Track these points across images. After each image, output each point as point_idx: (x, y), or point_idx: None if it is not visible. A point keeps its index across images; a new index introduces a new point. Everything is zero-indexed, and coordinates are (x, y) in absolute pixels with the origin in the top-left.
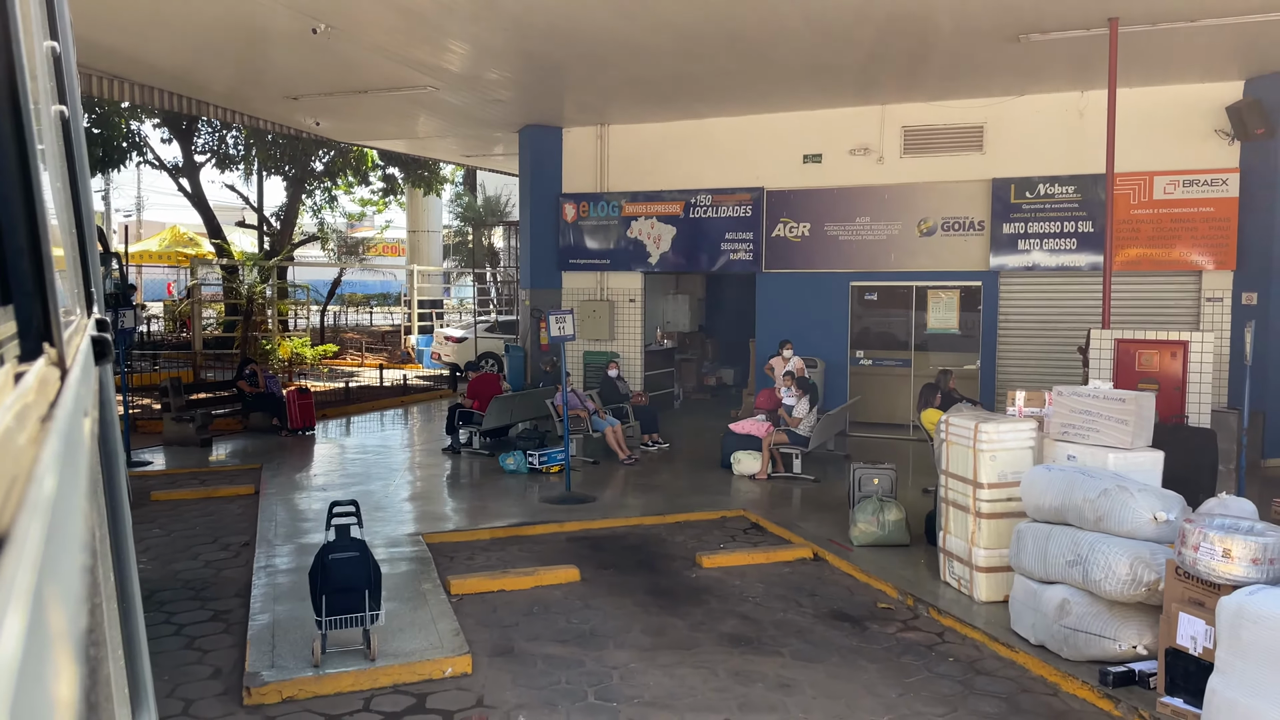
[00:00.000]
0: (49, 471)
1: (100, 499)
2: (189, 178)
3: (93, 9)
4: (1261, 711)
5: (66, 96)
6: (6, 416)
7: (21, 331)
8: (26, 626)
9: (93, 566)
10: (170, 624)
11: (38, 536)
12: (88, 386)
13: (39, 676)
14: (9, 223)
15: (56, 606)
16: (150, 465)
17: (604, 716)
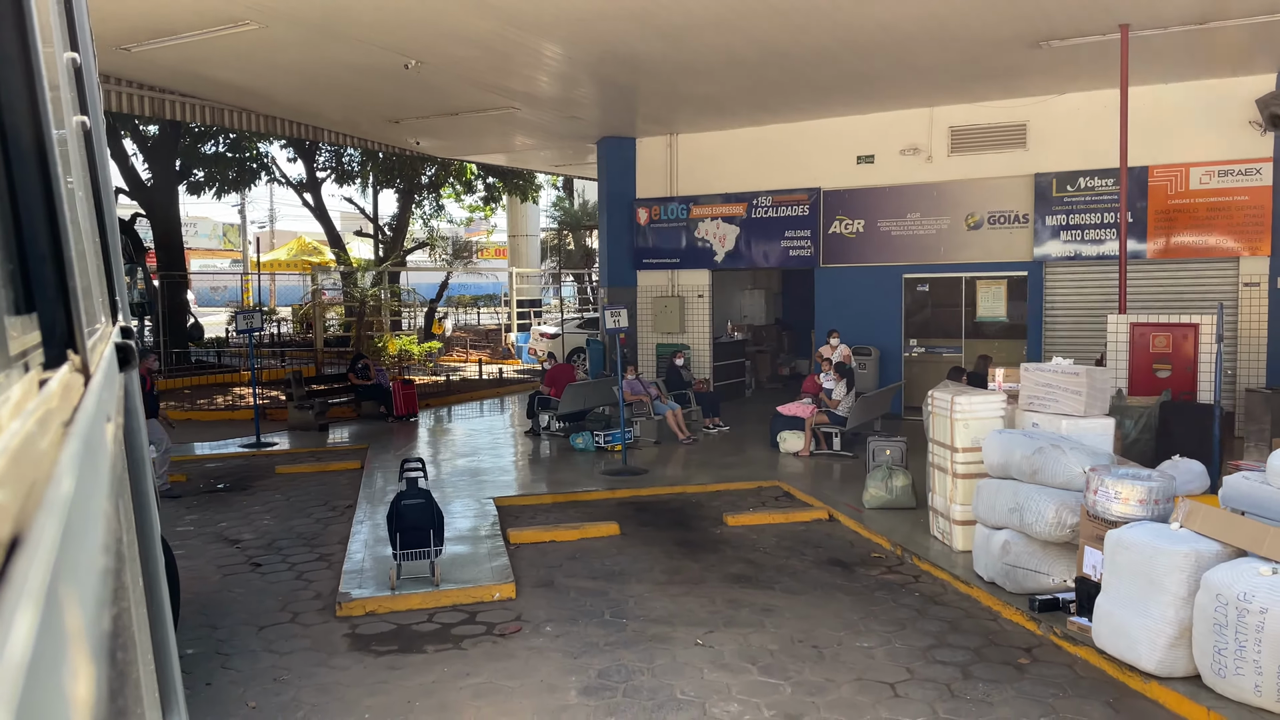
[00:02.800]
0: (67, 474)
1: (126, 504)
2: (312, 192)
3: (222, 55)
4: (1125, 618)
5: (88, 107)
6: (29, 422)
7: (46, 339)
8: (38, 625)
9: (118, 570)
10: (285, 563)
11: (53, 537)
12: (111, 393)
13: (53, 675)
14: (32, 232)
15: (73, 607)
16: (276, 445)
17: (613, 628)
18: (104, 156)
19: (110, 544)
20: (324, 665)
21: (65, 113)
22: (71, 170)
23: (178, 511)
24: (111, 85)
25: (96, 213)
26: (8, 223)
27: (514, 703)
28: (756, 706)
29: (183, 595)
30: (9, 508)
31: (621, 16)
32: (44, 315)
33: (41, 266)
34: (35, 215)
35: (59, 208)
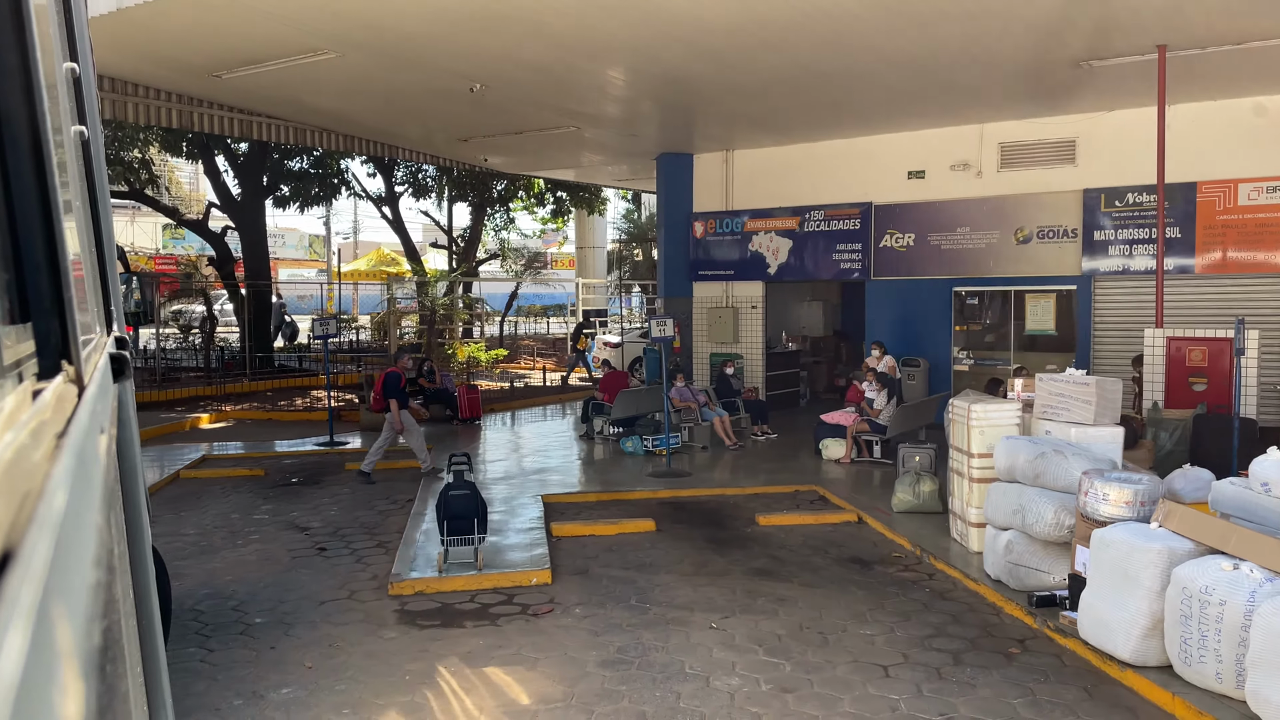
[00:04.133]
0: (60, 487)
1: (119, 516)
2: (390, 205)
3: (304, 81)
4: (1105, 610)
5: (86, 117)
6: (22, 433)
7: (40, 349)
8: (30, 643)
9: (108, 583)
10: (347, 549)
11: (45, 552)
12: (105, 404)
13: (44, 693)
14: (28, 241)
15: (64, 622)
16: (347, 445)
17: (637, 611)
18: (101, 166)
19: (102, 557)
20: (374, 635)
21: (63, 122)
22: (69, 180)
23: (254, 501)
24: (205, 108)
25: (93, 223)
26: (3, 233)
27: (537, 670)
28: (755, 681)
29: (255, 575)
30: (1, 522)
31: (674, 43)
32: (38, 325)
33: (37, 276)
34: (31, 225)
35: (55, 218)
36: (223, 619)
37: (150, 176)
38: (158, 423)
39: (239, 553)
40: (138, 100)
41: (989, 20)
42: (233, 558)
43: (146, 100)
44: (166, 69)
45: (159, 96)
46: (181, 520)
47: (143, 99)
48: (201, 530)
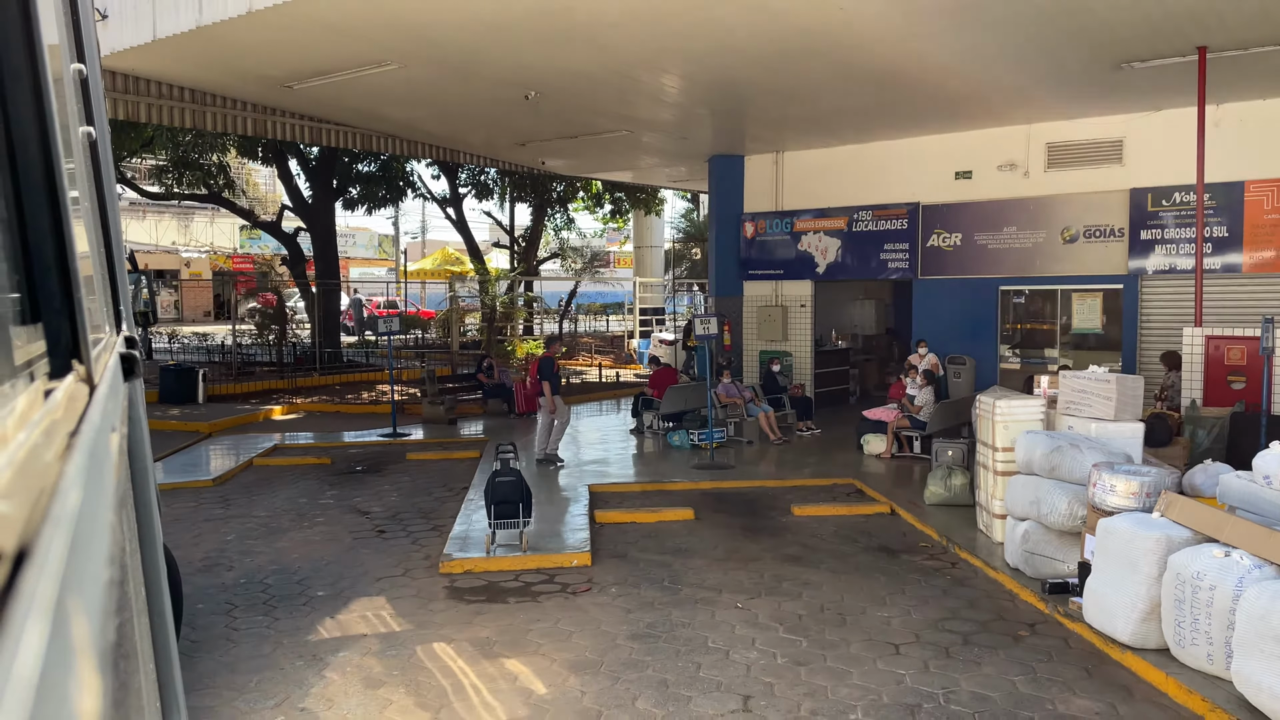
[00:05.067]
0: (73, 486)
1: (130, 514)
2: (454, 207)
3: (369, 90)
4: (1108, 595)
5: (94, 118)
6: (34, 433)
7: (51, 349)
8: (48, 639)
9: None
10: (404, 531)
11: (61, 550)
12: (116, 403)
13: (62, 689)
14: (37, 242)
15: (80, 619)
16: (409, 436)
17: (669, 592)
18: (109, 167)
19: (115, 554)
20: (424, 609)
21: (71, 124)
22: (77, 181)
23: (321, 487)
24: (278, 117)
25: (101, 223)
26: (13, 233)
27: (571, 641)
28: (772, 655)
29: (319, 553)
30: (15, 519)
31: (723, 51)
32: (49, 326)
33: (47, 277)
34: (40, 226)
35: (64, 219)
36: (288, 592)
37: (227, 180)
38: (234, 414)
39: (305, 533)
40: (216, 110)
41: (1026, 25)
42: (299, 538)
43: (224, 110)
44: (242, 80)
45: (235, 106)
46: (253, 504)
47: (220, 109)
48: (271, 513)
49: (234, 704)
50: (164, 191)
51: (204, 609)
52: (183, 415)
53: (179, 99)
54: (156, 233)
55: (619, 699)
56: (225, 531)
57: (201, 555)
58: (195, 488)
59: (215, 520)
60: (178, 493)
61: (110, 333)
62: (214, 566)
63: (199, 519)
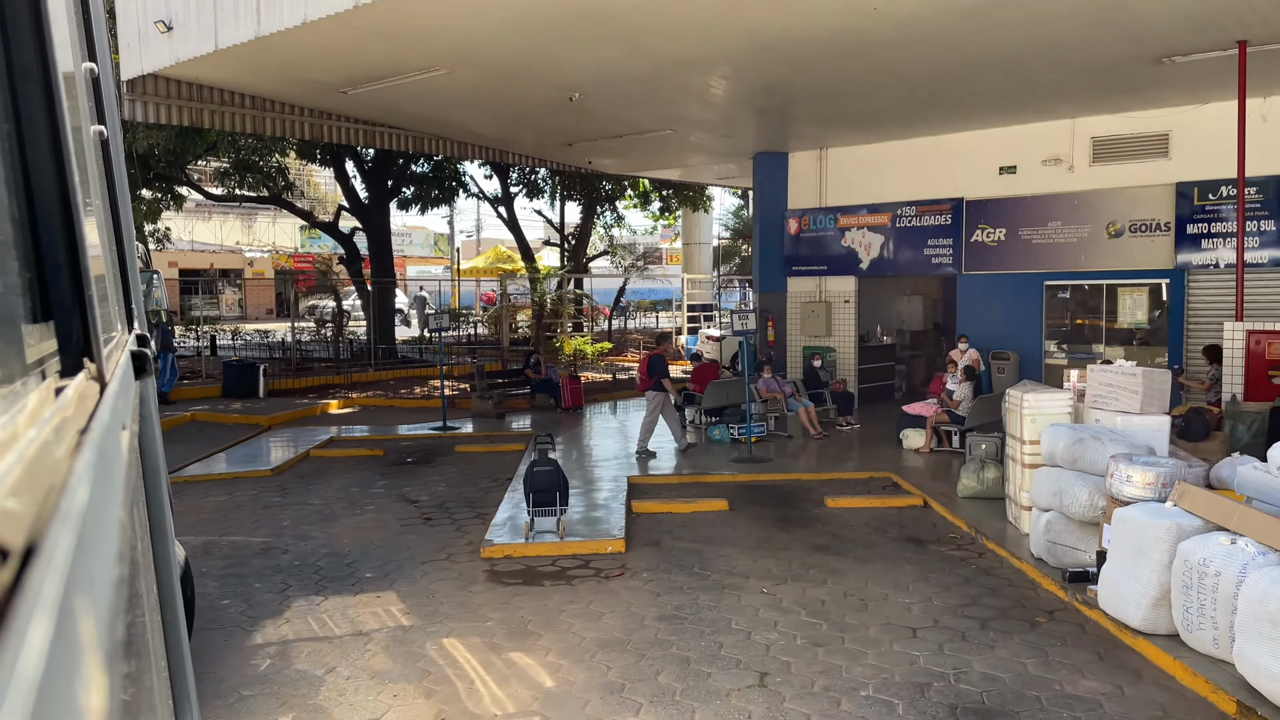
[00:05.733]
0: (82, 482)
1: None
2: (505, 205)
3: (419, 95)
4: (1120, 581)
5: (105, 117)
6: (45, 430)
7: (62, 347)
8: (53, 637)
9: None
10: (450, 519)
11: (68, 547)
12: (127, 400)
13: (67, 685)
14: (48, 241)
15: (87, 616)
16: (459, 429)
17: (698, 577)
18: (120, 165)
19: (125, 552)
20: (464, 590)
21: (83, 122)
22: (88, 180)
23: (373, 477)
24: (333, 121)
25: (113, 222)
26: (25, 232)
27: (601, 621)
28: (792, 637)
29: (368, 538)
30: (24, 516)
31: (762, 52)
32: (60, 324)
33: (58, 275)
34: (52, 224)
35: (76, 217)
36: (338, 573)
37: (286, 183)
38: (293, 408)
39: (356, 520)
40: (274, 115)
41: (1061, 22)
42: (350, 524)
43: (282, 115)
44: (299, 87)
45: (293, 111)
46: (309, 492)
47: (279, 114)
48: (325, 501)
49: (284, 672)
50: (226, 194)
51: (260, 588)
52: (244, 409)
53: (240, 105)
54: (221, 233)
55: (642, 674)
56: (282, 518)
57: (259, 539)
58: (255, 477)
59: (273, 507)
60: (239, 481)
61: (122, 331)
62: (270, 549)
63: (258, 506)
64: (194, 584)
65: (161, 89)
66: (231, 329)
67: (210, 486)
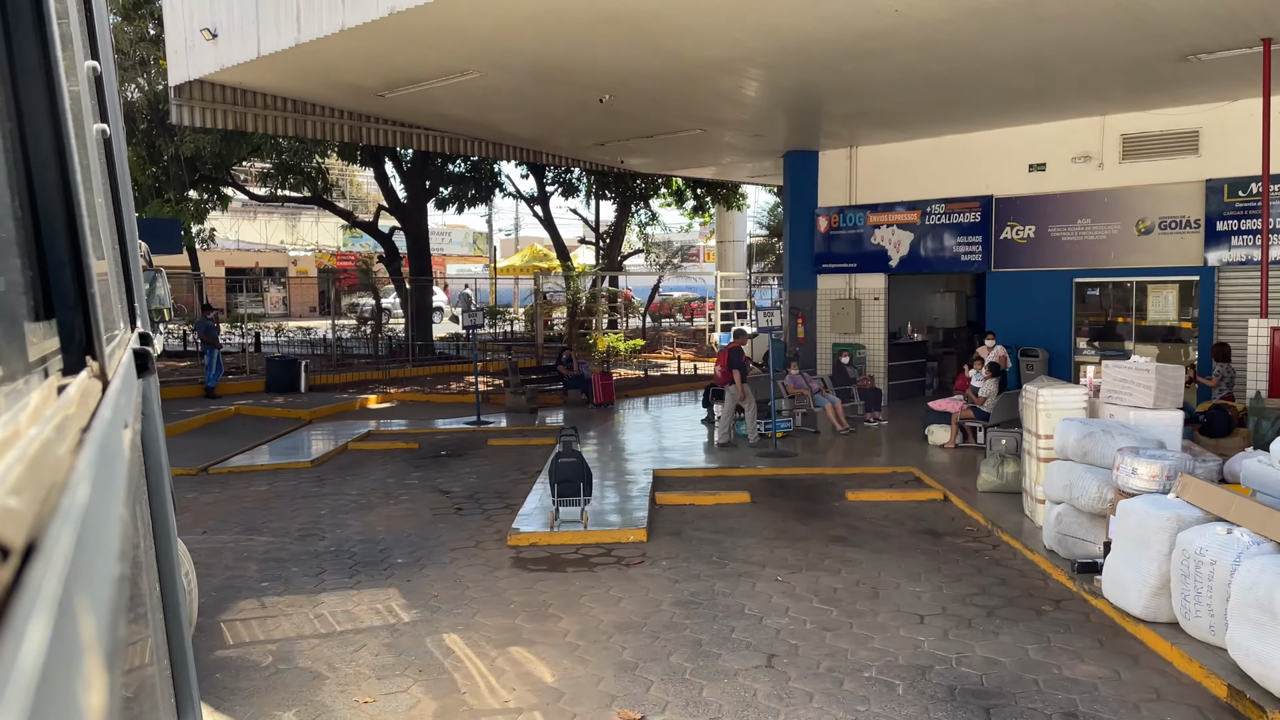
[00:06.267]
0: (83, 480)
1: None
2: (541, 205)
3: (454, 97)
4: (1122, 571)
5: (108, 115)
6: (47, 428)
7: (64, 345)
8: (52, 635)
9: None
10: (480, 509)
11: (68, 545)
12: (129, 399)
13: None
14: (51, 239)
15: (87, 614)
16: (492, 424)
17: (715, 565)
18: (123, 164)
19: (126, 550)
20: (491, 575)
21: (85, 121)
22: (91, 178)
23: (408, 469)
24: (372, 123)
25: (115, 220)
26: (27, 230)
27: (620, 605)
28: (802, 622)
29: (401, 527)
30: (25, 514)
31: (788, 54)
32: (63, 322)
33: (60, 274)
34: (54, 223)
35: (78, 216)
36: (371, 559)
37: (325, 185)
38: (333, 402)
39: (390, 509)
40: (315, 118)
41: (1082, 21)
42: (385, 513)
43: (322, 118)
44: (338, 91)
45: (333, 114)
46: (346, 483)
47: (319, 117)
48: (362, 491)
49: (319, 648)
50: (269, 194)
51: (297, 571)
52: (286, 403)
53: (282, 109)
54: (266, 232)
55: (655, 654)
56: (320, 507)
57: (298, 526)
58: (295, 468)
59: (311, 497)
60: (280, 472)
61: (124, 329)
62: (308, 536)
63: (297, 496)
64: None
65: (207, 94)
66: (275, 326)
67: (252, 477)
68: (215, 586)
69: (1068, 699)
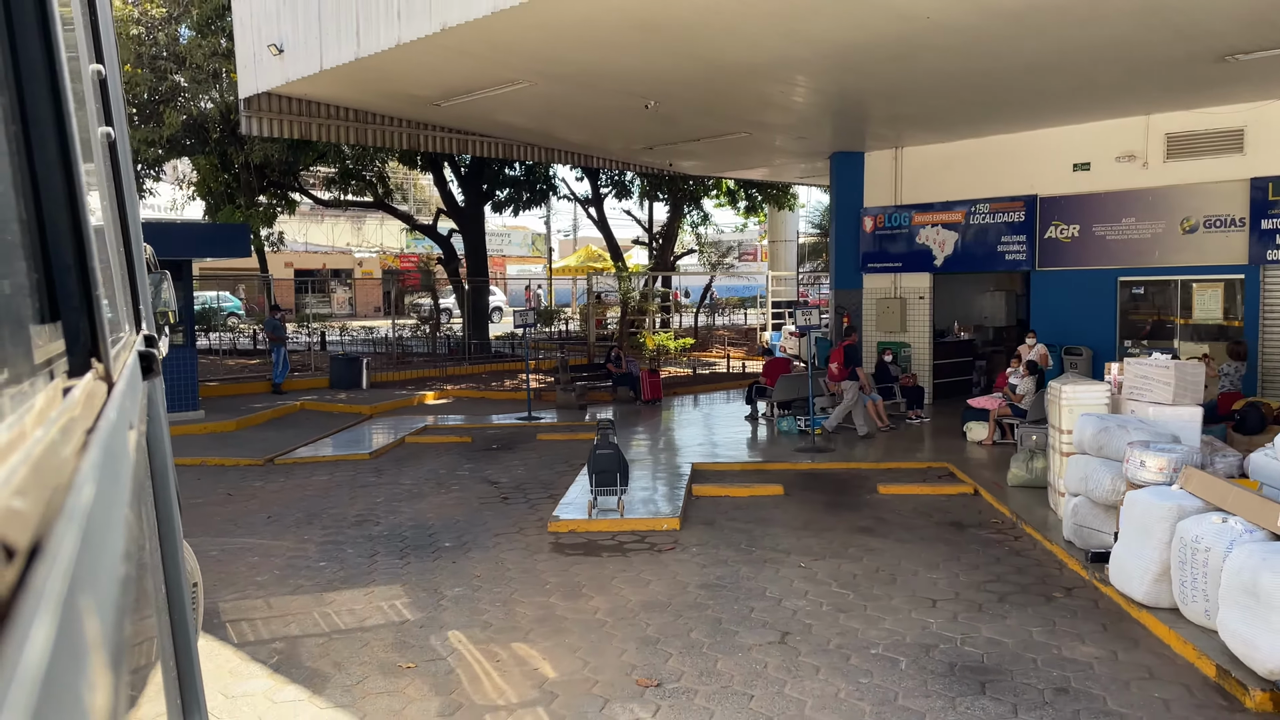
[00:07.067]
0: (88, 482)
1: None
2: (595, 206)
3: (506, 105)
4: (1126, 558)
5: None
6: (52, 430)
7: (69, 348)
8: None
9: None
10: (525, 499)
11: (73, 546)
12: (134, 400)
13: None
14: (55, 242)
15: (92, 615)
16: (542, 420)
17: (743, 552)
18: (128, 167)
19: (131, 551)
20: (530, 558)
21: (90, 124)
22: (96, 181)
23: (460, 461)
24: (429, 131)
25: (120, 223)
26: (32, 233)
27: (649, 586)
28: (819, 604)
29: (450, 514)
30: (30, 515)
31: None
32: (68, 324)
33: (65, 276)
34: (59, 225)
35: (83, 218)
36: (421, 543)
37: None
38: (392, 398)
39: (442, 498)
40: (375, 127)
41: (1112, 24)
42: (436, 501)
43: (382, 126)
44: (396, 101)
45: (392, 123)
46: (401, 474)
47: (379, 125)
48: (415, 481)
49: (366, 622)
50: (333, 199)
51: (353, 553)
52: (348, 399)
53: (344, 119)
54: (333, 235)
55: (677, 630)
56: (376, 495)
57: (355, 513)
58: (355, 460)
59: (369, 486)
60: (340, 464)
61: (130, 332)
62: (364, 521)
63: (355, 485)
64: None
65: (274, 105)
66: (340, 325)
67: (315, 468)
68: (278, 565)
69: (1061, 676)
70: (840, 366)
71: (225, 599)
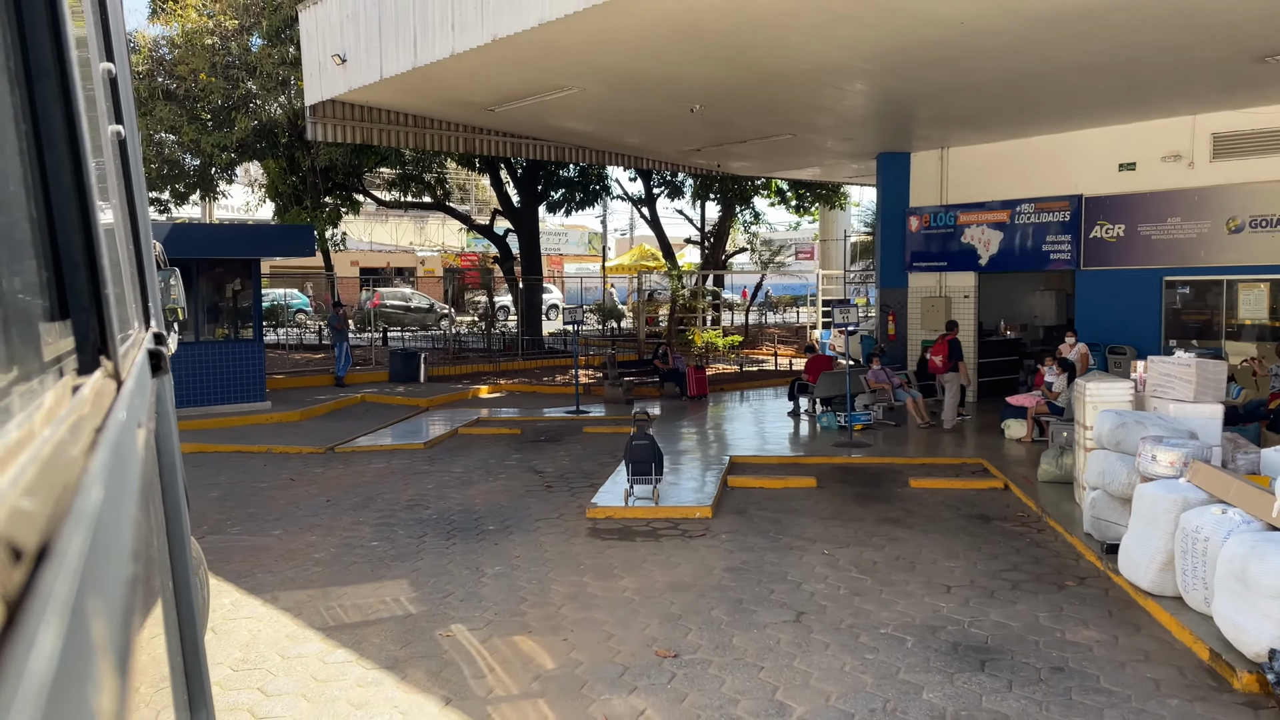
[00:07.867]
0: (97, 481)
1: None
2: (648, 206)
3: (557, 110)
4: (1135, 549)
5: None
6: (61, 428)
7: (79, 345)
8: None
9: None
10: (567, 487)
11: (81, 546)
12: (143, 398)
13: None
14: (65, 239)
15: (100, 616)
16: (589, 414)
17: (770, 539)
18: (138, 165)
19: (139, 550)
20: (567, 542)
21: (100, 122)
22: (106, 179)
23: (509, 452)
24: (484, 135)
25: (130, 220)
26: (42, 231)
27: (678, 569)
28: (837, 587)
29: (496, 500)
30: (39, 515)
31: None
32: (77, 322)
33: (75, 274)
34: (69, 223)
35: (92, 216)
36: (467, 525)
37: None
38: (448, 392)
39: (489, 485)
40: (433, 131)
41: (1146, 28)
42: (484, 488)
43: (440, 131)
44: (453, 107)
45: (449, 128)
46: (453, 462)
47: (437, 130)
48: (466, 469)
49: (408, 597)
50: (394, 200)
51: (403, 534)
52: (406, 392)
53: (403, 124)
54: (396, 234)
55: (698, 609)
56: (428, 482)
57: (408, 498)
58: (410, 449)
59: (421, 474)
60: (396, 453)
61: (139, 329)
62: (415, 506)
63: (409, 473)
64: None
65: (338, 112)
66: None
67: (372, 456)
68: (334, 545)
69: (1060, 657)
70: (945, 359)
71: (284, 572)
